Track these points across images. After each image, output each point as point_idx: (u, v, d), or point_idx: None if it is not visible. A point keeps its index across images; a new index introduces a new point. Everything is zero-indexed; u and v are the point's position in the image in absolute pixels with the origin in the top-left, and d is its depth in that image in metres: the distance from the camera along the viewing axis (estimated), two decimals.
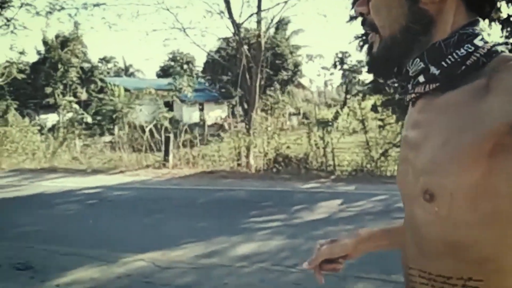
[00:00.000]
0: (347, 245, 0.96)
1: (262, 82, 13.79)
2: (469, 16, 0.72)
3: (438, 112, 0.70)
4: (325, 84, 50.41)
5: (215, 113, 32.91)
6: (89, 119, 25.11)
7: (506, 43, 0.80)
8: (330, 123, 10.79)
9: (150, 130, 14.35)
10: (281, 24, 28.86)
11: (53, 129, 20.69)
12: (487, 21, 6.96)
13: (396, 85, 9.40)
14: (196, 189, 8.17)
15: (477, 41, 0.69)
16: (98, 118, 25.47)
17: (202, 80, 33.64)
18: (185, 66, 39.38)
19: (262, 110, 28.93)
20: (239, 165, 11.24)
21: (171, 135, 11.03)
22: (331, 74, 56.12)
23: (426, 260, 0.73)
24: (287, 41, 31.50)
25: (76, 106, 24.84)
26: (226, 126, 30.00)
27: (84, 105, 26.11)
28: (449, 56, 0.69)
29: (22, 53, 14.61)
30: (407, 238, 0.79)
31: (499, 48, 0.69)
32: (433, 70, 0.70)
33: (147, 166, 10.68)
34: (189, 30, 26.58)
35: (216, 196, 7.43)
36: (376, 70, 0.82)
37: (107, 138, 23.20)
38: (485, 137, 0.63)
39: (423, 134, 0.72)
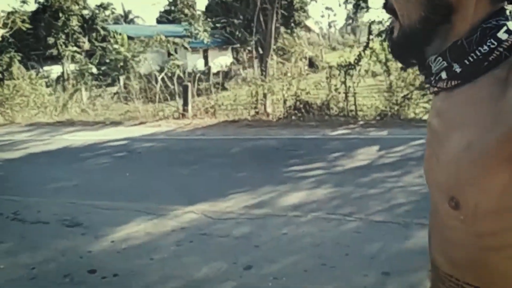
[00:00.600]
0: None
1: (277, 25, 13.26)
2: (493, 3, 0.67)
3: (459, 106, 0.68)
4: (329, 26, 49.10)
5: (219, 60, 32.22)
6: (94, 70, 24.65)
7: None
8: (353, 67, 10.45)
9: (162, 79, 14.06)
10: None
11: (59, 80, 20.36)
12: None
13: None
14: (224, 138, 8.03)
15: (500, 34, 0.65)
16: (103, 68, 25.01)
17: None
18: (186, 11, 38.27)
19: (278, 55, 28.33)
20: (256, 113, 11.05)
21: (189, 84, 10.75)
22: (335, 15, 54.49)
23: (451, 263, 0.72)
24: None
25: (80, 56, 24.30)
26: (233, 73, 29.55)
27: (87, 55, 25.53)
28: (472, 54, 0.66)
29: (24, 1, 13.99)
30: (433, 231, 0.77)
31: None
32: (456, 67, 0.68)
33: (166, 117, 10.49)
34: None
35: (247, 145, 7.29)
36: (397, 56, 0.78)
37: (114, 89, 22.90)
38: (506, 138, 0.59)
39: (444, 127, 0.70)
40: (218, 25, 29.00)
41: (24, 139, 9.12)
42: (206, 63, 31.59)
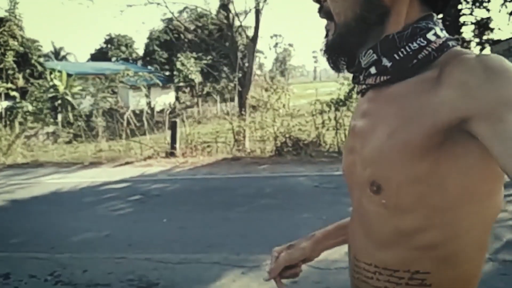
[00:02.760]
0: (305, 249, 0.96)
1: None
2: (423, 10, 0.72)
3: (386, 103, 0.70)
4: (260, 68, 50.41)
5: (162, 99, 31.33)
6: (30, 107, 22.69)
7: (457, 39, 0.85)
8: (343, 103, 10.41)
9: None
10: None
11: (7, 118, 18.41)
12: None
13: None
14: (243, 177, 7.36)
15: (429, 35, 0.69)
16: (39, 106, 23.10)
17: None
18: (123, 49, 37.21)
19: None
20: (238, 150, 10.56)
21: (178, 120, 10.02)
22: (265, 57, 56.24)
23: (373, 251, 0.73)
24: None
25: (15, 93, 22.30)
26: (177, 111, 28.79)
27: (22, 92, 23.52)
28: (402, 49, 0.69)
29: None
30: (354, 229, 0.79)
31: (451, 43, 0.69)
32: (385, 62, 0.70)
33: (150, 156, 9.60)
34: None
35: (278, 184, 6.71)
36: (331, 57, 0.78)
37: (51, 128, 21.23)
38: (434, 129, 0.63)
39: (371, 124, 0.72)
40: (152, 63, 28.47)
41: None
42: (149, 101, 30.53)
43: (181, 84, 28.59)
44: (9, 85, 22.13)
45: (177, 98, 31.51)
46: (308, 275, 3.44)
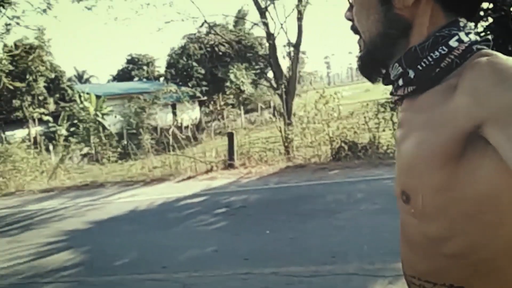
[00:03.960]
0: None
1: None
2: (448, 17, 0.71)
3: (416, 112, 0.71)
4: None
5: (187, 115, 31.40)
6: (64, 131, 22.87)
7: (487, 40, 0.69)
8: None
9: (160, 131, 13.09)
10: (240, 16, 28.02)
11: (36, 144, 18.58)
12: None
13: None
14: (323, 183, 7.10)
15: (452, 42, 0.68)
16: (72, 129, 23.26)
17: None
18: (145, 68, 37.50)
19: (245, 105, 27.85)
20: (291, 157, 10.34)
21: (234, 132, 9.86)
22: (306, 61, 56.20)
23: (414, 263, 0.75)
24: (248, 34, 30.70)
25: (49, 118, 22.52)
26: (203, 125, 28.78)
27: (52, 116, 23.75)
28: (424, 60, 0.69)
29: None
30: (401, 240, 0.80)
31: (476, 46, 0.68)
32: (411, 73, 0.71)
33: (209, 170, 9.41)
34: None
35: (368, 188, 6.41)
36: (364, 71, 0.80)
37: (84, 150, 21.34)
38: (454, 138, 0.63)
39: (404, 134, 0.74)
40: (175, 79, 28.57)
41: (68, 205, 7.72)
42: (175, 116, 30.57)
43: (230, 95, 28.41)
44: (42, 110, 22.36)
45: (205, 112, 31.44)
46: None
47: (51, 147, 18.08)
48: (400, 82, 0.73)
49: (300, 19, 11.31)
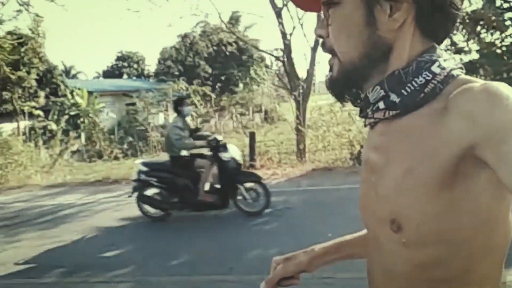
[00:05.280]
0: (301, 263, 0.95)
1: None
2: (425, 42, 0.72)
3: (398, 137, 0.70)
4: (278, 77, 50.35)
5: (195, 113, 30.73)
6: (54, 126, 22.11)
7: (461, 68, 0.71)
8: None
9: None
10: (233, 19, 27.82)
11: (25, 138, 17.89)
12: None
13: None
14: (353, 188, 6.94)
15: (434, 68, 0.69)
16: (62, 124, 22.52)
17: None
18: (135, 66, 36.87)
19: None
20: (299, 160, 10.16)
21: (255, 131, 9.59)
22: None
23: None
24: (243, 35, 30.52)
25: (39, 112, 21.74)
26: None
27: (43, 110, 22.96)
28: (409, 84, 0.69)
29: None
30: (372, 263, 0.79)
31: (455, 72, 0.70)
32: (394, 97, 0.70)
33: None
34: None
35: None
36: (335, 92, 0.79)
37: (75, 146, 20.73)
38: (448, 163, 0.63)
39: (385, 159, 0.72)
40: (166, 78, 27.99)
41: (86, 201, 7.31)
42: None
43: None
44: (33, 103, 21.60)
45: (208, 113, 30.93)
46: None
47: (40, 142, 17.46)
48: (381, 105, 0.71)
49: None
